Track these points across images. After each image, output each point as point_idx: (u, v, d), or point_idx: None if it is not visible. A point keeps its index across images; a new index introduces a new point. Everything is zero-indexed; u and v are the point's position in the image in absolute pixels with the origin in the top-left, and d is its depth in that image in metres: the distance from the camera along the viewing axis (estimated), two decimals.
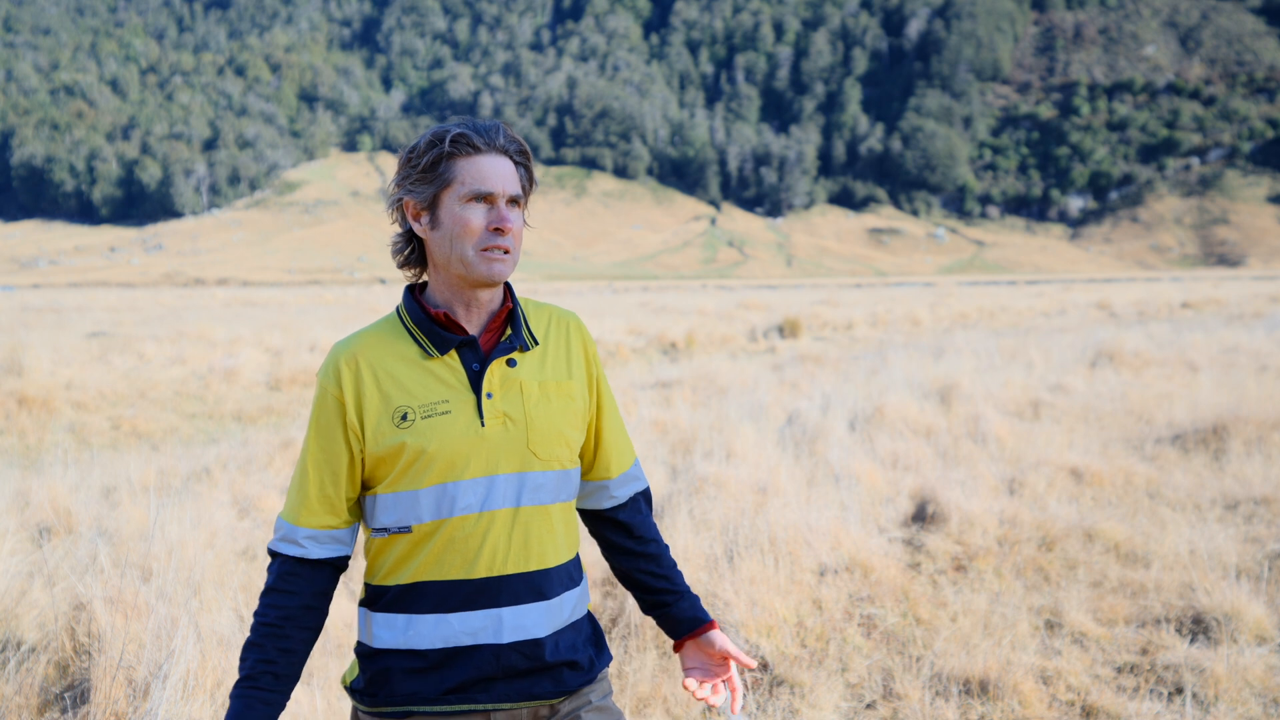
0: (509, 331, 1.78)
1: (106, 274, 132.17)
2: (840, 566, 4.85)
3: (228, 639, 3.66)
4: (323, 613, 1.78)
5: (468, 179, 1.71)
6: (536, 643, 1.73)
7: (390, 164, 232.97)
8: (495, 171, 1.72)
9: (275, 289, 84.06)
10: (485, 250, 1.71)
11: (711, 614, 4.17)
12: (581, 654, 1.81)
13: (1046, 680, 4.01)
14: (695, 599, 1.96)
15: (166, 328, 22.93)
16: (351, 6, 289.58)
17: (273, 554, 1.77)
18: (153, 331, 21.53)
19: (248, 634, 1.75)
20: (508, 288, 1.84)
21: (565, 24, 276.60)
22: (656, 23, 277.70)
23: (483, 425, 1.71)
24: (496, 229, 1.71)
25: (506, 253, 1.73)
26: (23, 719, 3.37)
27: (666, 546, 1.98)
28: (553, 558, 1.76)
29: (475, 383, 1.73)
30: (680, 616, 1.93)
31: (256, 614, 1.73)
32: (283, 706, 1.71)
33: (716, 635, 1.92)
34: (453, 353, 1.74)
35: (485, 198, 1.72)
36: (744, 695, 3.85)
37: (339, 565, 1.80)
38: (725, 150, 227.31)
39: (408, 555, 1.73)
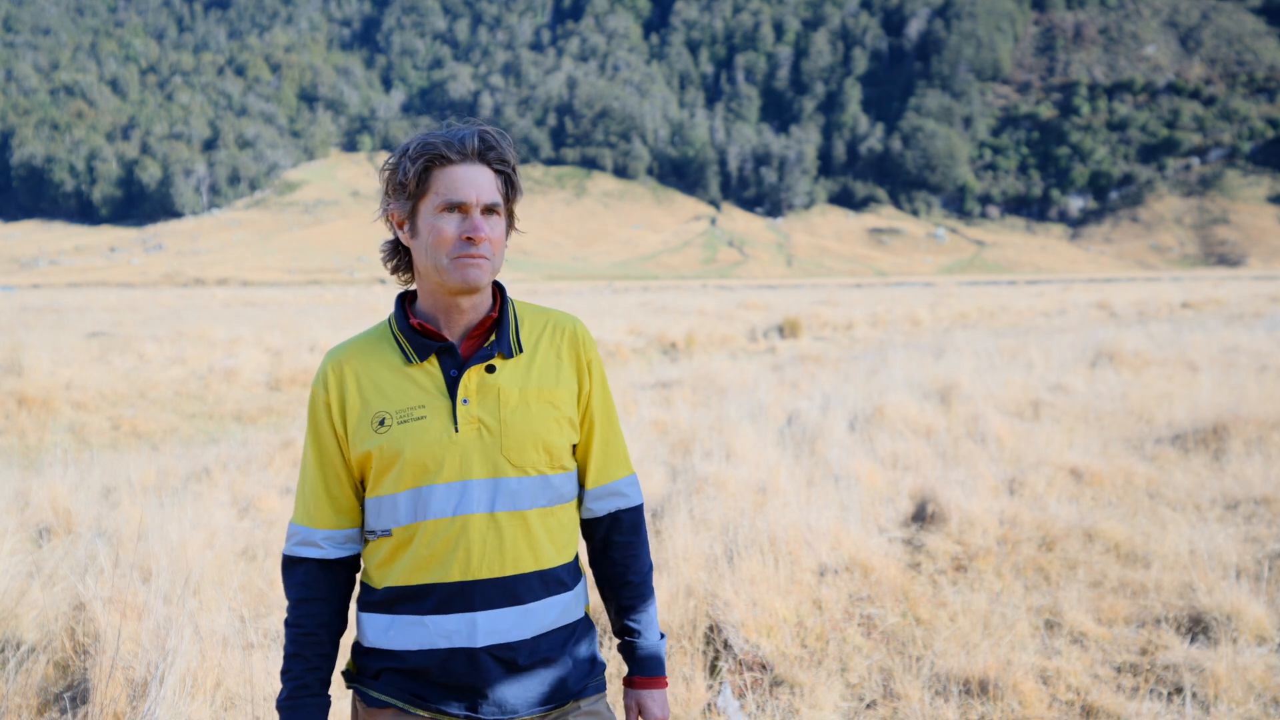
0: (492, 338, 1.80)
1: (106, 274, 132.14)
2: (840, 566, 4.85)
3: (228, 639, 3.66)
4: (347, 615, 1.84)
5: (441, 189, 1.74)
6: (511, 646, 1.73)
7: None
8: (469, 181, 1.74)
9: (275, 289, 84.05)
10: (457, 258, 1.73)
11: (711, 614, 4.18)
12: (569, 658, 1.80)
13: (1046, 680, 4.01)
14: (652, 650, 1.92)
15: (166, 328, 22.93)
16: (351, 6, 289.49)
17: (292, 560, 1.80)
18: (153, 331, 21.52)
19: (285, 643, 1.79)
20: (501, 294, 1.85)
21: (565, 24, 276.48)
22: (656, 23, 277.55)
23: (456, 430, 1.73)
24: (468, 238, 1.73)
25: (483, 259, 1.75)
26: (23, 719, 3.36)
27: (646, 577, 1.93)
28: (530, 563, 1.76)
29: (451, 388, 1.75)
30: (628, 657, 1.93)
31: (291, 623, 1.78)
32: (330, 705, 1.79)
33: (641, 694, 1.90)
34: (433, 358, 1.77)
35: (458, 207, 1.74)
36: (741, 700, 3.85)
37: (355, 566, 1.84)
38: (725, 150, 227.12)
39: (390, 558, 1.76)
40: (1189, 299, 36.61)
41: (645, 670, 1.91)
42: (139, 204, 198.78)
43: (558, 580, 1.80)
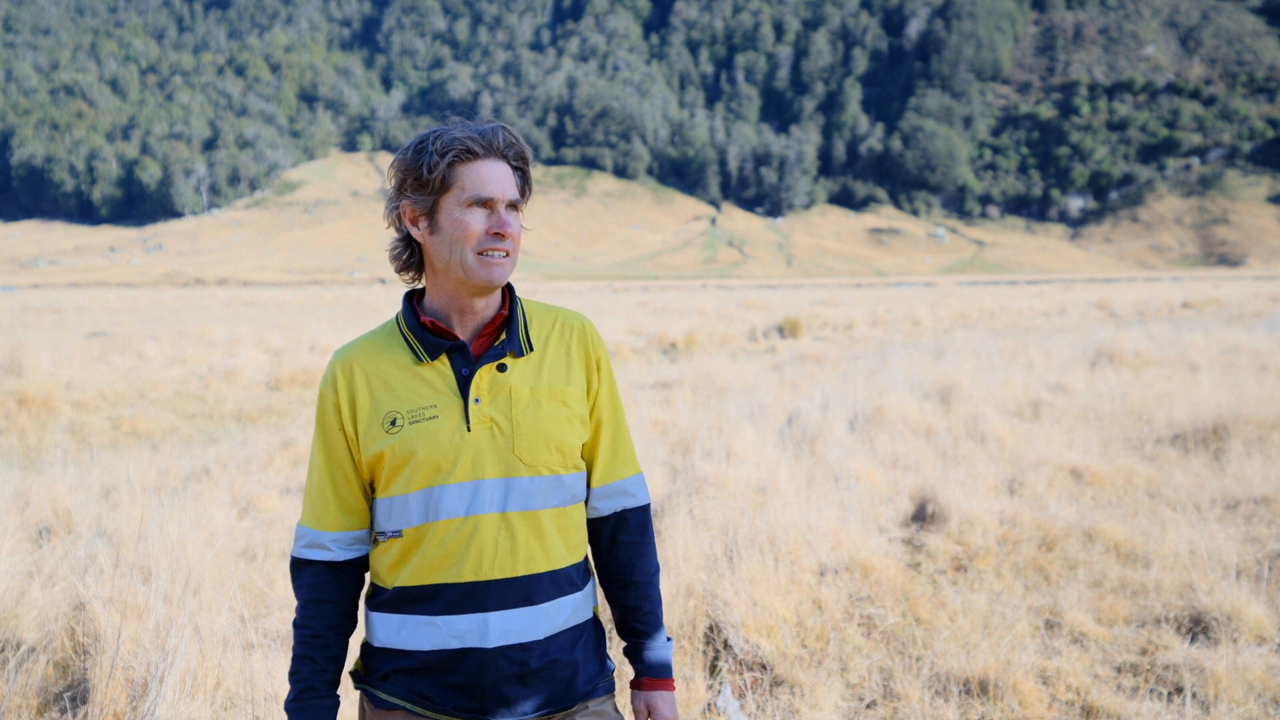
0: (503, 336, 1.78)
1: (106, 274, 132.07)
2: (840, 566, 4.85)
3: (228, 639, 3.66)
4: (355, 616, 1.83)
5: (468, 184, 1.72)
6: (524, 647, 1.72)
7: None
8: (494, 177, 1.73)
9: (275, 289, 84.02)
10: (483, 253, 1.72)
11: (711, 614, 4.18)
12: (579, 659, 1.79)
13: (1046, 680, 4.01)
14: (659, 652, 1.89)
15: (166, 328, 22.92)
16: (351, 6, 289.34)
17: (300, 562, 1.80)
18: (153, 331, 21.52)
19: (294, 644, 1.79)
20: (509, 292, 1.84)
21: (565, 24, 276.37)
22: (656, 23, 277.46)
23: (469, 430, 1.72)
24: (497, 233, 1.72)
25: (506, 255, 1.74)
26: (23, 719, 3.36)
27: (653, 578, 1.90)
28: (543, 563, 1.75)
29: (463, 387, 1.74)
30: (635, 658, 1.91)
31: (299, 625, 1.78)
32: (339, 705, 1.79)
33: (650, 695, 1.88)
34: (444, 358, 1.75)
35: (485, 203, 1.73)
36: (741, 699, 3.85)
37: (364, 567, 1.83)
38: (725, 150, 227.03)
39: (401, 559, 1.75)
40: (1189, 299, 36.60)
41: (653, 672, 1.89)
42: (139, 204, 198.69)
43: (569, 580, 1.79)
